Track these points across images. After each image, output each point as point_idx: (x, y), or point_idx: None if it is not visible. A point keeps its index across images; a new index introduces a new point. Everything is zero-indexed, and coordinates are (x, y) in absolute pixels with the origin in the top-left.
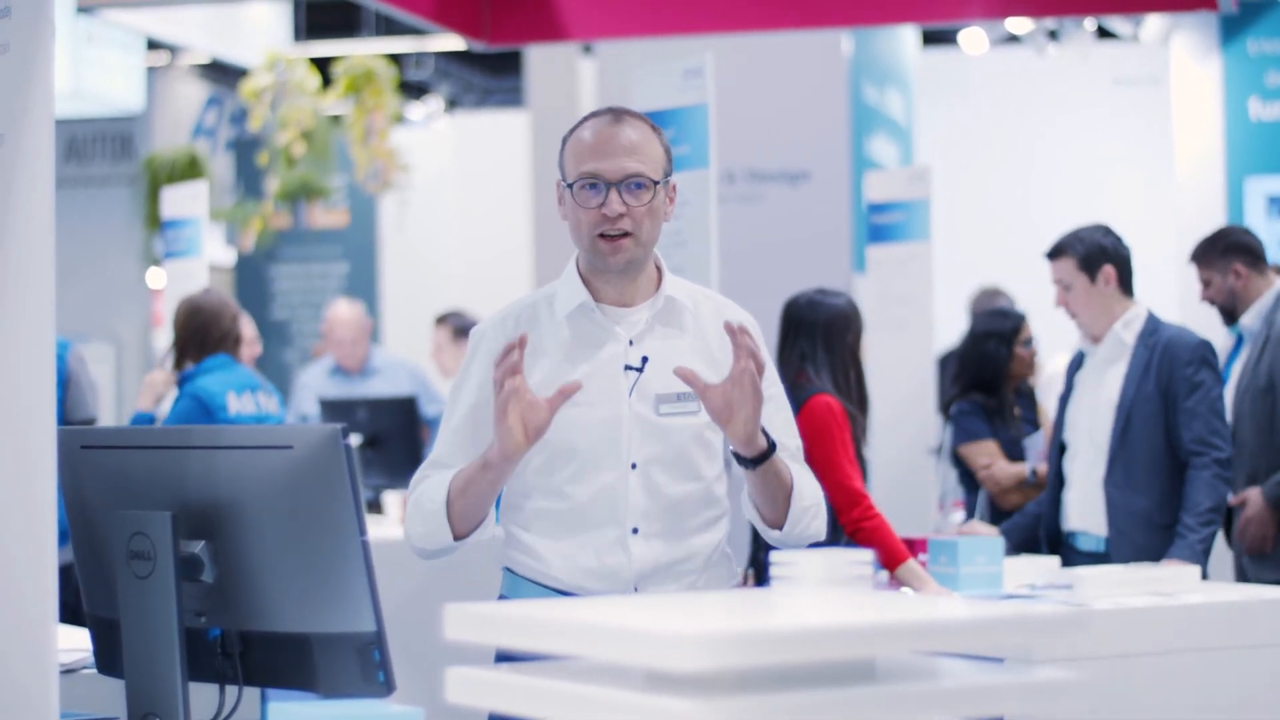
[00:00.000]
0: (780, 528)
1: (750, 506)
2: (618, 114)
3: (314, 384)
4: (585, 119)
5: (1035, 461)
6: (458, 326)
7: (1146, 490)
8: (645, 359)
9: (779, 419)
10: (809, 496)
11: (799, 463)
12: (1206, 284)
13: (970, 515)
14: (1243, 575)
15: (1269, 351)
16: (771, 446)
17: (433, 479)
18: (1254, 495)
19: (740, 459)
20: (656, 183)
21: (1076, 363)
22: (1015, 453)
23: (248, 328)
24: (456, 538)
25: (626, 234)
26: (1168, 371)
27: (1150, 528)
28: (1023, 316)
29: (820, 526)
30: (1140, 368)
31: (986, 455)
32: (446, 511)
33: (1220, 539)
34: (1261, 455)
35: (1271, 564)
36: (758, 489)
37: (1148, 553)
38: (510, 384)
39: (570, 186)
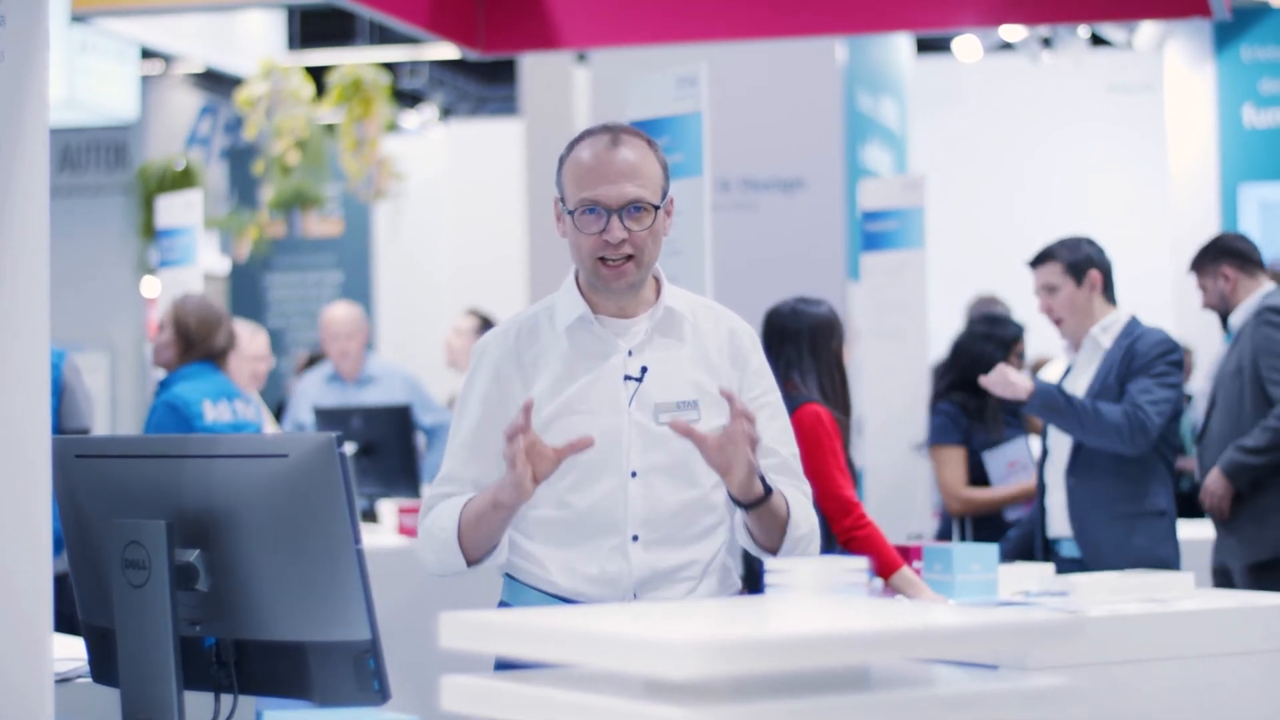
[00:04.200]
0: (774, 554)
1: (744, 532)
2: (615, 134)
3: (310, 392)
4: (582, 138)
5: (1004, 474)
6: (482, 326)
7: (1105, 473)
8: (645, 369)
9: (775, 426)
10: (804, 525)
11: (795, 476)
12: (1203, 290)
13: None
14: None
15: (1240, 342)
16: (768, 491)
17: (443, 506)
18: (1213, 470)
19: (736, 501)
20: (656, 207)
21: (1065, 375)
22: (979, 463)
23: (260, 343)
24: (470, 563)
25: (629, 258)
26: (1128, 363)
27: (1111, 518)
28: (1023, 328)
29: (813, 551)
30: (1108, 365)
31: (951, 463)
32: (458, 542)
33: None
34: (1231, 441)
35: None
36: (753, 524)
37: (1110, 544)
38: (525, 438)
39: (573, 212)
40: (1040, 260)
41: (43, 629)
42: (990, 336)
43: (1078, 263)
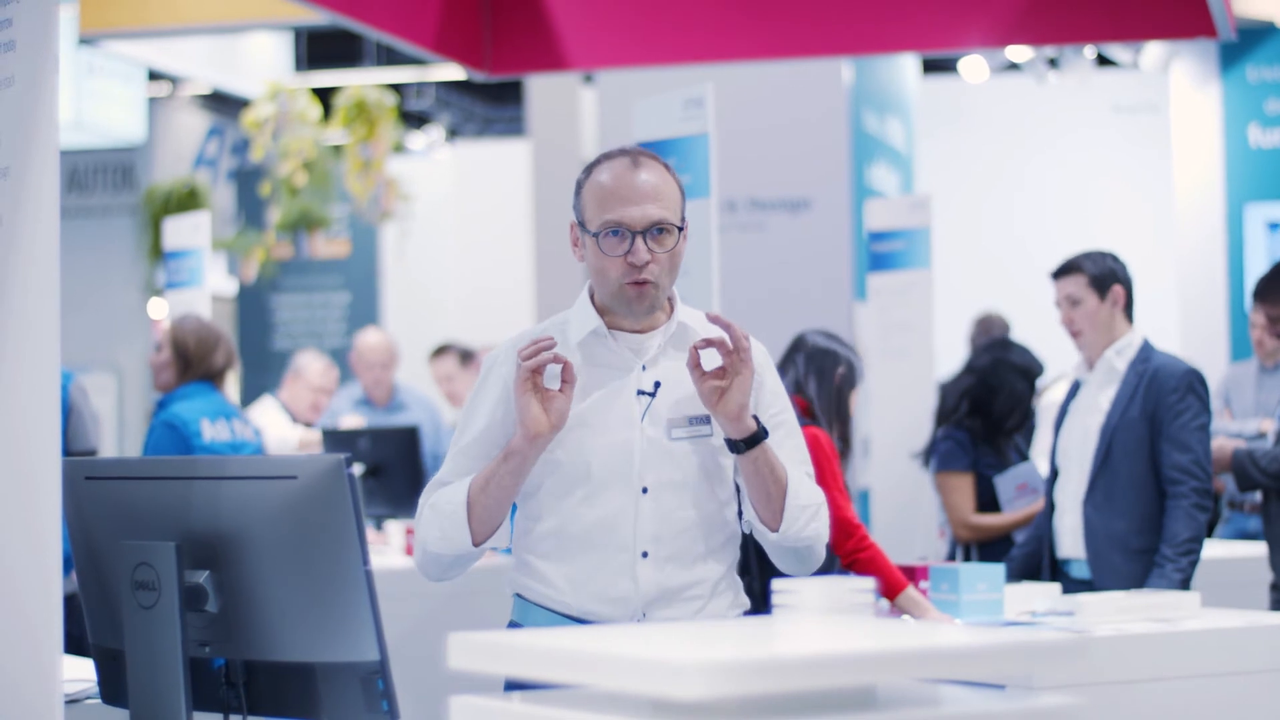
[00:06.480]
0: (777, 529)
1: (750, 509)
2: (634, 157)
3: (339, 413)
4: (599, 161)
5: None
6: (462, 353)
7: (1125, 513)
8: (658, 384)
9: (790, 444)
10: (805, 497)
11: (807, 477)
12: (1276, 320)
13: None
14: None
15: None
16: (763, 431)
17: (448, 488)
18: (1226, 445)
19: (731, 444)
20: (679, 228)
21: (1073, 392)
22: (988, 488)
23: (331, 377)
24: (475, 542)
25: (651, 279)
26: (1154, 398)
27: (1127, 551)
28: (1044, 368)
29: (820, 528)
30: (1128, 393)
31: (959, 490)
32: (467, 512)
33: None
34: None
35: None
36: (751, 480)
37: (1125, 576)
38: (536, 379)
39: (595, 235)
40: (1064, 272)
41: (52, 650)
42: (1025, 373)
43: (1102, 277)
